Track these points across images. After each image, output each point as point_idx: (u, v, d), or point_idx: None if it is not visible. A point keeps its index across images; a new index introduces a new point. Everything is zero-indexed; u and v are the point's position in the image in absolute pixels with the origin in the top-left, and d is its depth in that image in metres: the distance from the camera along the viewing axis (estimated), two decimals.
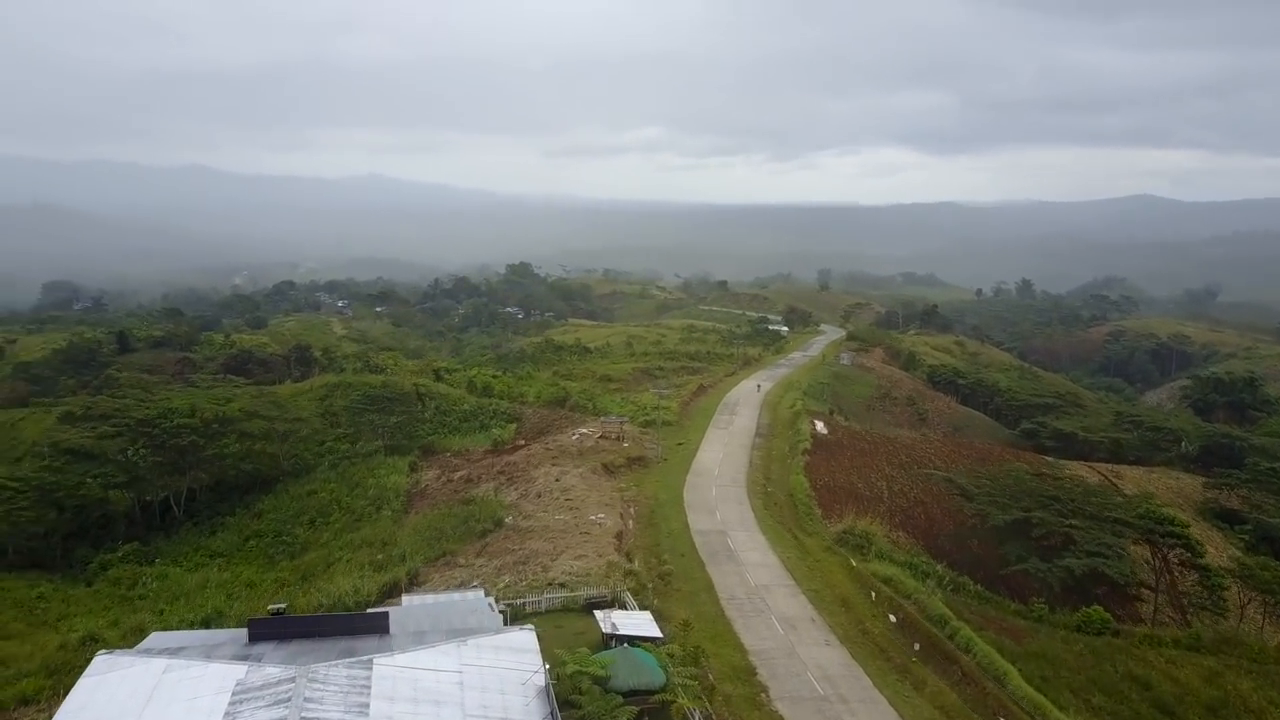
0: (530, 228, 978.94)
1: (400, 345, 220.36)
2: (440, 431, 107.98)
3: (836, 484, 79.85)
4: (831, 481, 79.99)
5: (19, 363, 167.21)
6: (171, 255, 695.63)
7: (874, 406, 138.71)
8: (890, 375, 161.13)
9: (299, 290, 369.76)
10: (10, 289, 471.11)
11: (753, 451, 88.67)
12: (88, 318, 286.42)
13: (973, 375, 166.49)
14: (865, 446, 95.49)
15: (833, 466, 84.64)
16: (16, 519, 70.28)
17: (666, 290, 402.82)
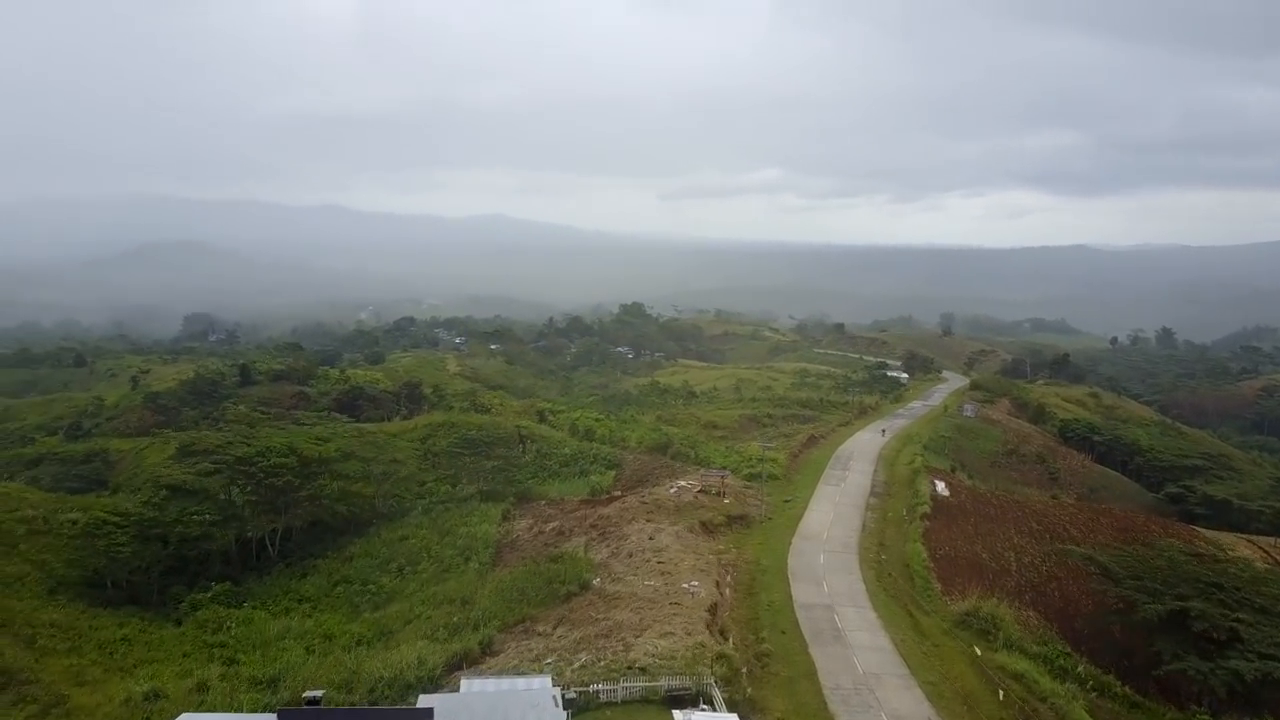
0: (645, 268, 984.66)
1: (510, 384, 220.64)
2: (540, 475, 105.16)
3: (958, 554, 72.52)
4: (953, 551, 72.71)
5: (149, 392, 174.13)
6: (304, 290, 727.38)
7: (1000, 464, 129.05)
8: (1018, 429, 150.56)
9: (419, 326, 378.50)
10: (156, 320, 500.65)
11: (866, 513, 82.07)
12: (218, 349, 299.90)
13: (1109, 431, 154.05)
14: (991, 511, 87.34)
15: (954, 533, 77.24)
16: (116, 554, 70.33)
17: (780, 332, 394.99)
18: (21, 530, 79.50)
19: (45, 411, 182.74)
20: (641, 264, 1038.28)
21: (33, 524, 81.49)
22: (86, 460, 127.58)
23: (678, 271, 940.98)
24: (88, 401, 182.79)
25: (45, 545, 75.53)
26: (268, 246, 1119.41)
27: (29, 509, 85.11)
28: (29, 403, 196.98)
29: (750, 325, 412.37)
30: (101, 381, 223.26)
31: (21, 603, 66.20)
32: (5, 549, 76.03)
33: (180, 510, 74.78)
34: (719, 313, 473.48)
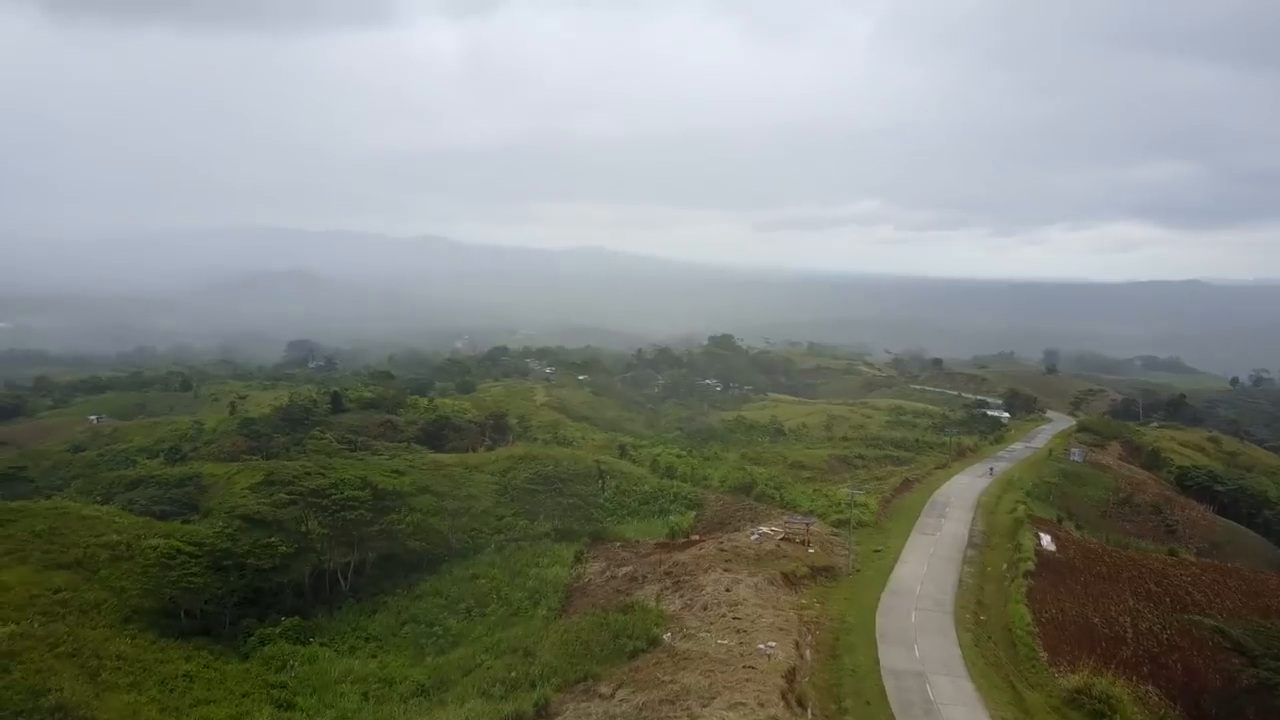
0: (738, 299, 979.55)
1: (596, 415, 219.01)
2: (618, 513, 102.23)
3: (1067, 617, 66.23)
4: (1060, 614, 66.44)
5: (245, 418, 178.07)
6: (403, 319, 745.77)
7: (1111, 514, 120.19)
8: (1130, 476, 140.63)
9: (511, 356, 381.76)
10: (262, 346, 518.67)
11: (964, 567, 76.13)
12: (316, 376, 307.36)
13: (1233, 480, 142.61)
14: (1103, 569, 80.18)
15: (1062, 594, 70.80)
16: (188, 584, 69.85)
17: (875, 367, 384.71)
18: (104, 556, 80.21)
19: (150, 434, 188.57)
20: (734, 296, 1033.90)
21: (115, 550, 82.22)
22: (180, 484, 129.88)
23: (770, 303, 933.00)
24: (188, 425, 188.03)
25: (125, 572, 75.80)
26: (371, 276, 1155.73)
27: (114, 534, 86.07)
28: (136, 424, 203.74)
29: (843, 359, 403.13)
30: (205, 405, 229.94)
31: (95, 631, 66.15)
32: (87, 575, 76.69)
33: (254, 541, 74.16)
34: (811, 346, 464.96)
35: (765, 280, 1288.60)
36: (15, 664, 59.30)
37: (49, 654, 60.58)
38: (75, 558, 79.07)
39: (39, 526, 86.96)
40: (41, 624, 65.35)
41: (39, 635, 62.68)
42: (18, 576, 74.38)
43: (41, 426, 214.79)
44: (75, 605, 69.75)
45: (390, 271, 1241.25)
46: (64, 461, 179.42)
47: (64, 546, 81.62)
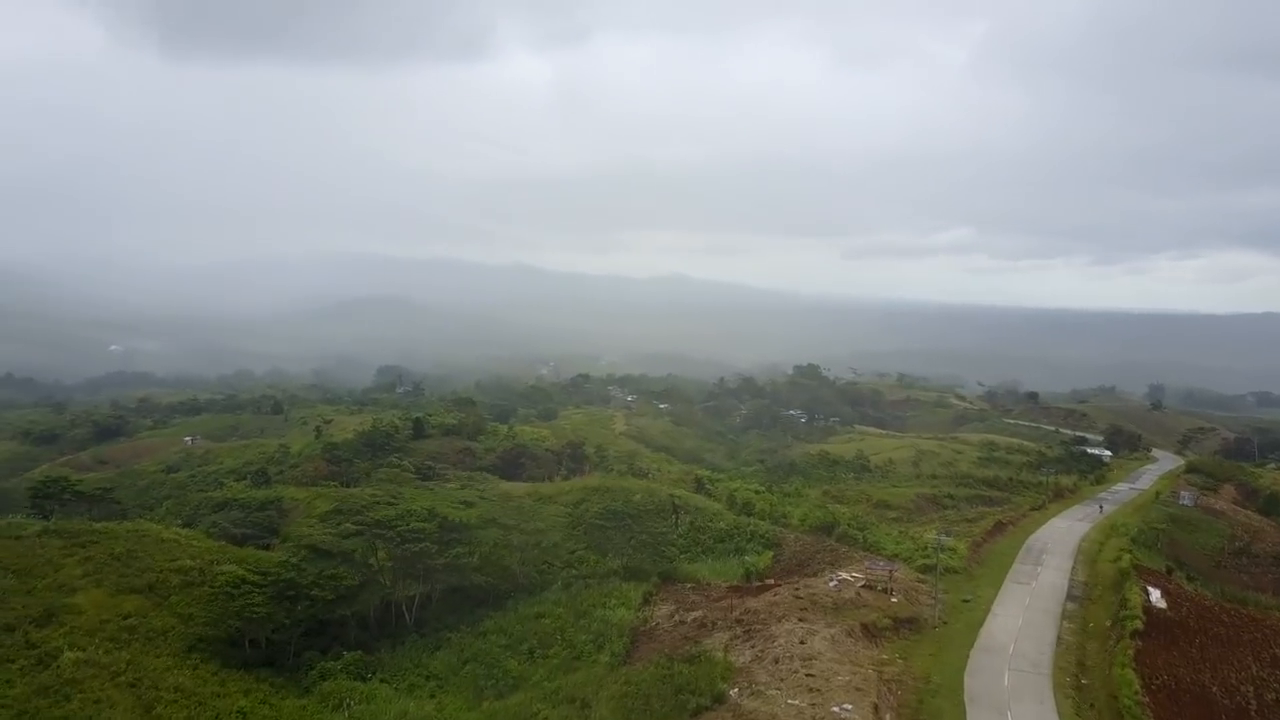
0: (824, 328, 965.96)
1: (675, 445, 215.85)
2: (691, 551, 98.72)
3: (1181, 685, 60.05)
4: (1173, 681, 60.29)
5: (328, 443, 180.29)
6: (491, 345, 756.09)
7: (1226, 565, 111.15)
8: (1247, 522, 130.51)
9: (593, 383, 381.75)
10: (354, 370, 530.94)
11: (1063, 622, 70.27)
12: (402, 400, 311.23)
13: None
14: (1221, 630, 73.09)
15: (1174, 657, 64.47)
16: (250, 615, 69.12)
17: (966, 400, 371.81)
18: (176, 581, 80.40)
19: (239, 456, 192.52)
20: (820, 324, 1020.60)
21: (188, 575, 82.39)
22: (262, 508, 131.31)
23: (858, 333, 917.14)
24: (275, 448, 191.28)
25: (195, 598, 75.65)
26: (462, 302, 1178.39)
27: (188, 559, 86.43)
28: (228, 446, 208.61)
29: (934, 391, 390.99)
30: (294, 429, 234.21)
31: (158, 660, 65.83)
32: (158, 600, 76.86)
33: (319, 572, 73.16)
34: (900, 377, 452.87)
35: (853, 309, 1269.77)
36: (76, 692, 59.21)
37: (109, 683, 60.34)
38: (148, 582, 79.48)
39: (118, 549, 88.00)
40: (107, 651, 65.36)
41: (103, 663, 62.61)
42: (91, 600, 74.99)
43: (141, 446, 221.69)
44: (142, 632, 69.70)
45: (480, 298, 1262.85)
46: (158, 481, 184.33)
47: (139, 570, 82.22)
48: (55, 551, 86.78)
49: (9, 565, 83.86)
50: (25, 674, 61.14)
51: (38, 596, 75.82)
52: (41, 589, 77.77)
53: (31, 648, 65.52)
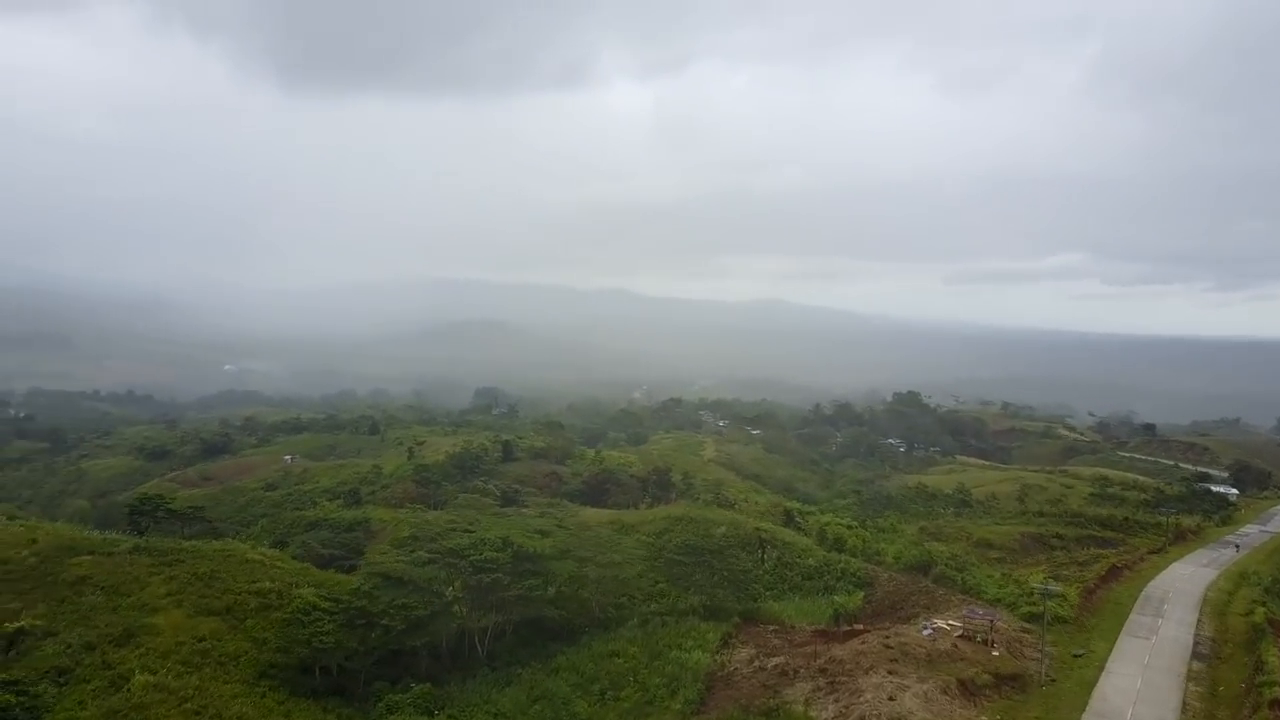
0: (925, 355, 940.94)
1: (766, 474, 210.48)
2: (777, 588, 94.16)
3: None
4: None
5: (419, 465, 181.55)
6: (585, 368, 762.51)
7: None
8: None
9: (684, 408, 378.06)
10: (452, 392, 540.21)
11: (1188, 685, 63.27)
12: (495, 423, 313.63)
13: None
14: None
15: None
16: (319, 643, 67.91)
17: (1076, 431, 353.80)
18: (253, 604, 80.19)
19: (335, 476, 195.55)
20: (921, 350, 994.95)
21: (266, 598, 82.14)
22: (350, 529, 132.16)
23: (960, 359, 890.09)
24: (368, 469, 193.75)
25: (270, 622, 75.06)
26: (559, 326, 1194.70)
27: (268, 581, 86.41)
28: (325, 466, 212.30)
29: (1041, 422, 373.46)
30: (389, 449, 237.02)
31: (226, 686, 65.12)
32: (234, 623, 76.64)
33: (390, 600, 71.62)
34: (1005, 406, 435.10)
35: (955, 335, 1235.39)
36: (141, 718, 58.69)
37: (175, 710, 59.70)
38: (226, 604, 79.48)
39: (202, 569, 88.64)
40: (178, 675, 64.98)
41: (172, 688, 62.14)
42: (170, 621, 75.20)
43: (244, 464, 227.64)
44: (215, 656, 69.28)
45: (576, 322, 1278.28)
46: (257, 499, 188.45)
47: (219, 592, 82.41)
48: (143, 569, 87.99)
49: (99, 582, 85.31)
50: (98, 696, 61.15)
51: (121, 615, 76.57)
52: (126, 607, 78.58)
53: (107, 668, 65.74)
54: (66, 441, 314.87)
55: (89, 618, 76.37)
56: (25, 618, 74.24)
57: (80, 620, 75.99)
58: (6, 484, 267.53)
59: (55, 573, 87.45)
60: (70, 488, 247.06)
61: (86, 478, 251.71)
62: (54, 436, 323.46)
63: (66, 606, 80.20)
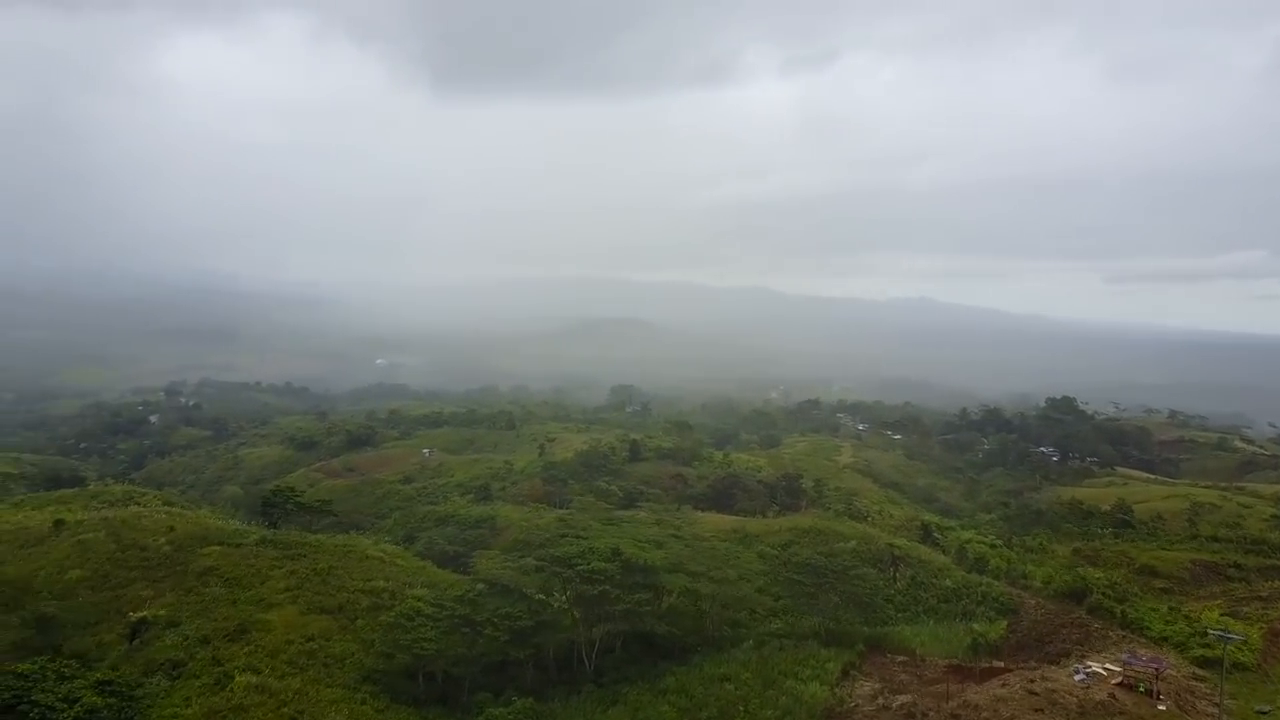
0: (1082, 357, 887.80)
1: (906, 481, 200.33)
2: (910, 610, 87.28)
3: None
4: None
5: (548, 462, 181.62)
6: (721, 367, 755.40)
7: None
8: None
9: (821, 410, 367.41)
10: (589, 389, 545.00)
11: None
12: (627, 421, 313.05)
13: None
14: None
15: None
16: (420, 650, 66.17)
17: (1256, 444, 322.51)
18: (365, 604, 79.80)
19: (469, 471, 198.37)
20: (1078, 353, 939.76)
21: (379, 597, 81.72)
22: (476, 526, 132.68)
23: (1122, 363, 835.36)
24: (501, 465, 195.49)
25: (378, 624, 74.08)
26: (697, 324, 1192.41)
27: (382, 580, 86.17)
28: (460, 460, 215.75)
29: (1214, 433, 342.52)
30: (523, 445, 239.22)
31: (328, 690, 64.18)
32: (344, 623, 76.29)
33: (495, 609, 69.29)
34: (1172, 414, 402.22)
35: (1117, 337, 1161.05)
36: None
37: (274, 713, 58.97)
38: (339, 603, 79.35)
39: (321, 565, 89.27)
40: (282, 675, 64.55)
41: (273, 689, 61.60)
42: (283, 618, 75.43)
43: (385, 456, 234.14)
44: (321, 657, 68.70)
45: (714, 320, 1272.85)
46: (393, 491, 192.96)
47: (333, 589, 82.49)
48: (267, 562, 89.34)
49: (224, 573, 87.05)
50: (203, 693, 61.26)
51: (239, 609, 77.44)
52: (244, 601, 79.54)
53: (216, 664, 66.05)
54: (227, 430, 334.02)
55: (209, 609, 77.62)
56: (149, 608, 76.11)
57: (201, 612, 77.31)
58: (173, 469, 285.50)
59: (186, 562, 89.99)
60: (228, 474, 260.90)
61: (242, 465, 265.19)
62: (216, 425, 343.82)
63: (192, 597, 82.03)
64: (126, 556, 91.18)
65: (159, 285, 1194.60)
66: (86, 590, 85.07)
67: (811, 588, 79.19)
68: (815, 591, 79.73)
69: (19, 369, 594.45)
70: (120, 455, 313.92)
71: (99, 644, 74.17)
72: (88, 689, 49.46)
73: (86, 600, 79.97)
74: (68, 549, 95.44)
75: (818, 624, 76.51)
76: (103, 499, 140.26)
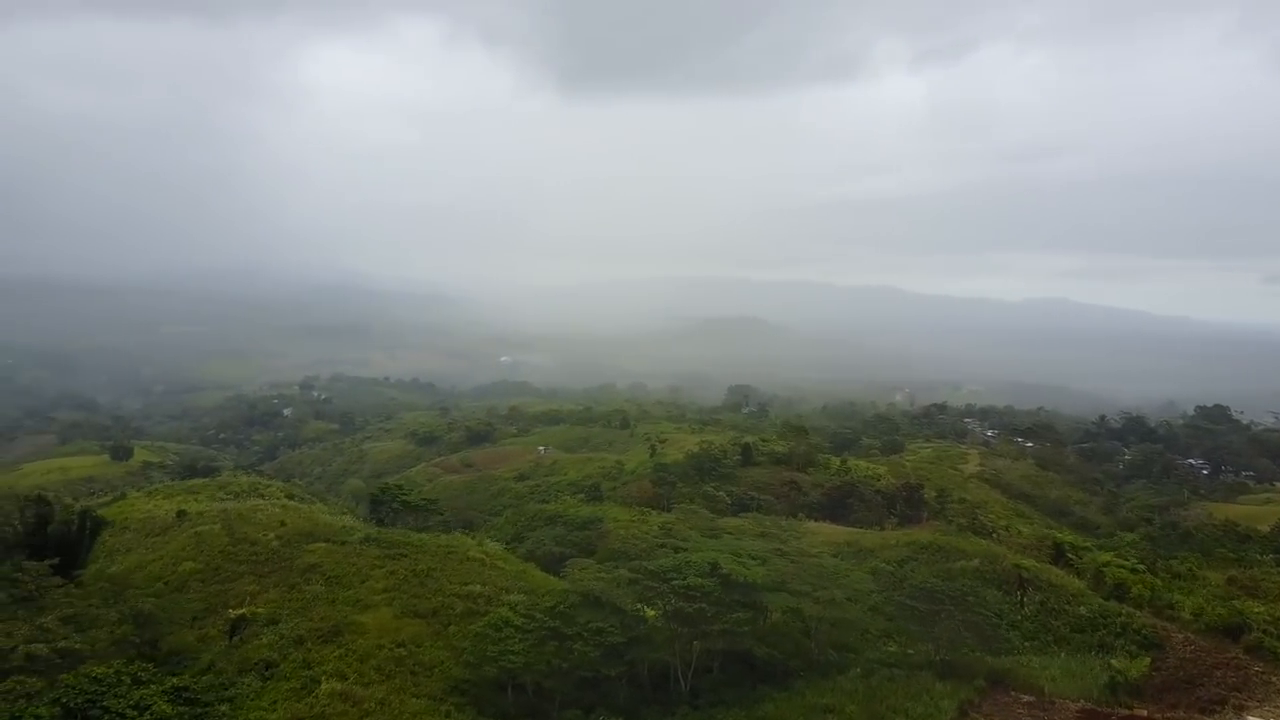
0: (1236, 363, 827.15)
1: (1038, 494, 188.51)
2: (1039, 638, 79.94)
3: None
4: None
5: (659, 463, 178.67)
6: (843, 368, 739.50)
7: None
8: None
9: (948, 415, 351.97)
10: (706, 388, 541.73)
11: None
12: (743, 422, 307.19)
13: None
14: None
15: None
16: (506, 662, 63.81)
17: None
18: (459, 609, 78.21)
19: (581, 469, 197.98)
20: (1231, 358, 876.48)
21: (474, 602, 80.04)
22: (583, 527, 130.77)
23: None
24: (612, 464, 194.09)
25: (468, 632, 72.26)
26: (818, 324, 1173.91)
27: (479, 584, 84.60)
28: (574, 459, 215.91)
29: None
30: (636, 444, 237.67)
31: (414, 700, 62.51)
32: (437, 629, 74.84)
33: (586, 622, 66.38)
34: None
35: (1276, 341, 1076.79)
36: None
37: None
38: (434, 607, 78.00)
39: (421, 566, 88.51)
40: (368, 683, 63.32)
41: (357, 698, 60.30)
42: (377, 621, 74.60)
43: (502, 453, 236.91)
44: (410, 664, 67.21)
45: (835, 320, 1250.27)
46: (506, 489, 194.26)
47: (430, 592, 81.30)
48: (369, 561, 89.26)
49: (326, 571, 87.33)
50: (289, 698, 60.56)
51: (336, 609, 77.09)
52: (342, 601, 79.24)
53: (306, 667, 65.45)
54: (354, 424, 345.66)
55: (308, 608, 77.61)
56: (250, 605, 76.68)
57: (300, 610, 77.38)
58: (303, 461, 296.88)
59: (292, 558, 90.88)
60: (352, 468, 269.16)
61: (367, 459, 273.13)
62: (344, 419, 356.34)
63: (293, 594, 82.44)
64: (237, 550, 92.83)
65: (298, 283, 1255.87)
66: (197, 583, 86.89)
67: (932, 607, 73.20)
68: (932, 614, 73.62)
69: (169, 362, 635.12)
70: (255, 446, 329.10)
71: (203, 638, 75.24)
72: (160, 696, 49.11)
73: (189, 595, 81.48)
74: (185, 540, 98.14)
75: (933, 652, 70.55)
76: (229, 489, 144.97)
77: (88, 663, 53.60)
